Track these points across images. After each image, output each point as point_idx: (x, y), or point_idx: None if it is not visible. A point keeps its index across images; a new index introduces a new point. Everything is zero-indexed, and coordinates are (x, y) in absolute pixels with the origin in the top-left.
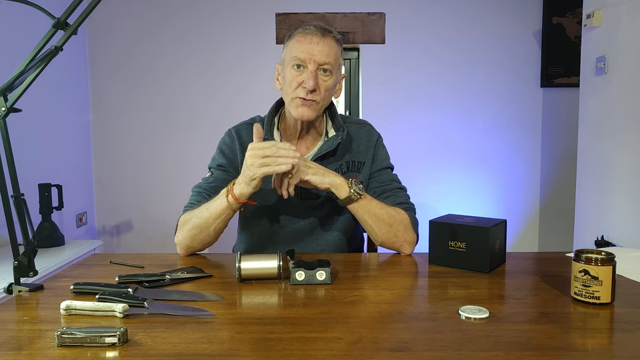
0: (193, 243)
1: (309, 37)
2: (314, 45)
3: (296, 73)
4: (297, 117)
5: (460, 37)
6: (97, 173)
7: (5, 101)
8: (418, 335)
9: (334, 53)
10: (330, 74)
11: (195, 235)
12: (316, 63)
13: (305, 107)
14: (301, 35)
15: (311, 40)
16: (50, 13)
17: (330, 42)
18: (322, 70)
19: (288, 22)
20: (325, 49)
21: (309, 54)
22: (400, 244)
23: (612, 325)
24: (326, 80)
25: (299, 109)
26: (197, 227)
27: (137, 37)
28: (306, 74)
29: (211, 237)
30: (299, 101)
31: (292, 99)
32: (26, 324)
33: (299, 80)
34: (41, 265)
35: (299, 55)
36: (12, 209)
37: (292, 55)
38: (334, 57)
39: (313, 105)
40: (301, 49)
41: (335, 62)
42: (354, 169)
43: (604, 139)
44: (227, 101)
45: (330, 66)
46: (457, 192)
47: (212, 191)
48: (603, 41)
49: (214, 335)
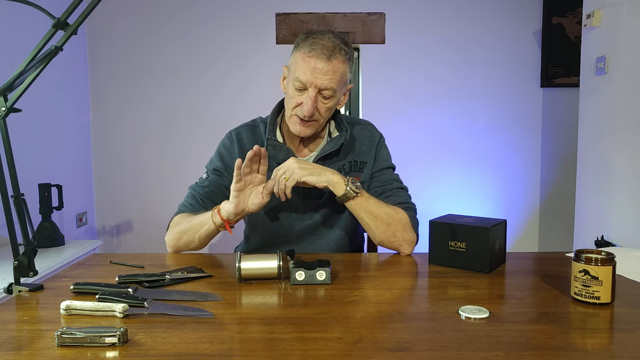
0: (179, 244)
1: (313, 60)
2: (317, 70)
3: (297, 93)
4: (295, 133)
5: (460, 37)
6: (97, 173)
7: (5, 101)
8: (418, 335)
9: (338, 76)
10: (331, 97)
11: (181, 239)
12: (317, 88)
13: (302, 127)
14: (306, 54)
15: (316, 64)
16: (50, 13)
17: (336, 64)
18: (322, 96)
19: (288, 22)
20: (329, 73)
21: (311, 78)
22: (399, 243)
23: (612, 325)
24: (326, 103)
25: (296, 127)
26: (183, 232)
27: (137, 37)
28: (305, 98)
29: (196, 244)
30: (297, 119)
31: (290, 115)
32: (26, 324)
33: (298, 100)
34: (41, 265)
35: (301, 77)
36: (12, 209)
37: (295, 75)
38: (338, 80)
39: (311, 124)
40: (304, 71)
41: (340, 83)
42: (356, 168)
43: (604, 139)
44: (227, 101)
45: (331, 92)
46: (457, 192)
47: (205, 195)
48: (603, 41)
49: (214, 335)
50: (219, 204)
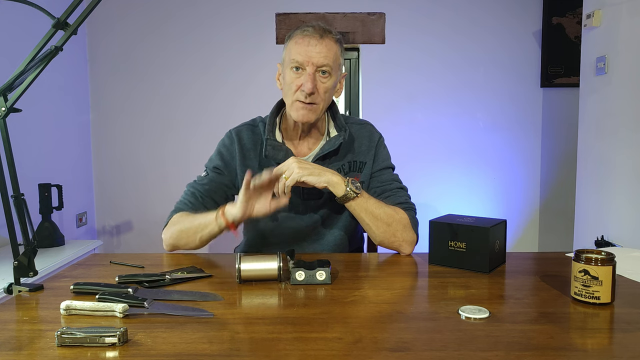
0: (178, 243)
1: (307, 38)
2: (311, 47)
3: (295, 75)
4: (298, 120)
5: (460, 37)
6: (97, 173)
7: (5, 101)
8: (418, 335)
9: (332, 54)
10: (329, 75)
11: (181, 237)
12: (314, 65)
13: (305, 111)
14: (299, 36)
15: (309, 42)
16: (50, 13)
17: (328, 42)
18: (320, 72)
19: (288, 22)
20: (324, 50)
21: (306, 56)
22: (399, 243)
23: (612, 325)
24: (325, 81)
25: (299, 112)
26: (183, 231)
27: (137, 37)
28: (304, 77)
29: (196, 243)
30: (299, 104)
31: (292, 102)
32: (26, 324)
33: (297, 83)
34: (41, 265)
35: (296, 57)
36: (12, 209)
37: (291, 58)
38: (332, 58)
39: (313, 108)
40: (299, 51)
41: (335, 62)
42: (355, 168)
43: (603, 139)
44: (227, 101)
45: (328, 67)
46: (457, 192)
47: (205, 193)
48: (603, 41)
49: (214, 335)
50: (219, 202)
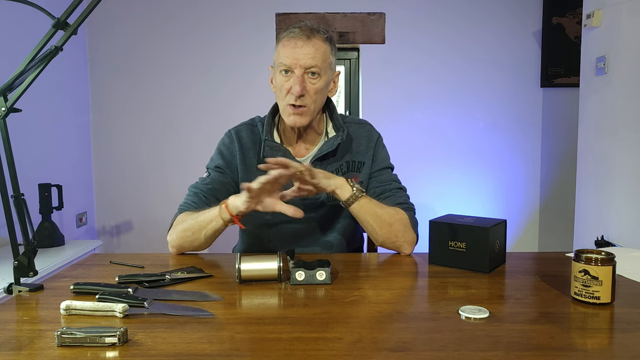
0: (184, 243)
1: (293, 40)
2: (298, 49)
3: (284, 78)
4: (290, 124)
5: (460, 37)
6: (97, 173)
7: (5, 101)
8: (418, 335)
9: (321, 54)
10: (318, 76)
11: (186, 237)
12: (302, 67)
13: (295, 116)
14: (286, 39)
15: (295, 43)
16: (50, 13)
17: (316, 43)
18: (309, 73)
19: (288, 22)
20: (311, 51)
21: (294, 59)
22: (401, 244)
23: (612, 325)
24: (315, 82)
25: (290, 117)
26: (188, 229)
27: (137, 37)
28: (293, 80)
29: (201, 241)
30: (290, 109)
31: (284, 106)
32: (26, 324)
33: (287, 86)
34: (41, 265)
35: (284, 61)
36: (12, 209)
37: (279, 61)
38: (321, 58)
39: (304, 112)
40: (286, 54)
41: (324, 62)
42: (354, 169)
43: (603, 139)
44: (227, 101)
45: (317, 69)
46: (457, 192)
47: (208, 192)
48: (603, 41)
49: (214, 335)
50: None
